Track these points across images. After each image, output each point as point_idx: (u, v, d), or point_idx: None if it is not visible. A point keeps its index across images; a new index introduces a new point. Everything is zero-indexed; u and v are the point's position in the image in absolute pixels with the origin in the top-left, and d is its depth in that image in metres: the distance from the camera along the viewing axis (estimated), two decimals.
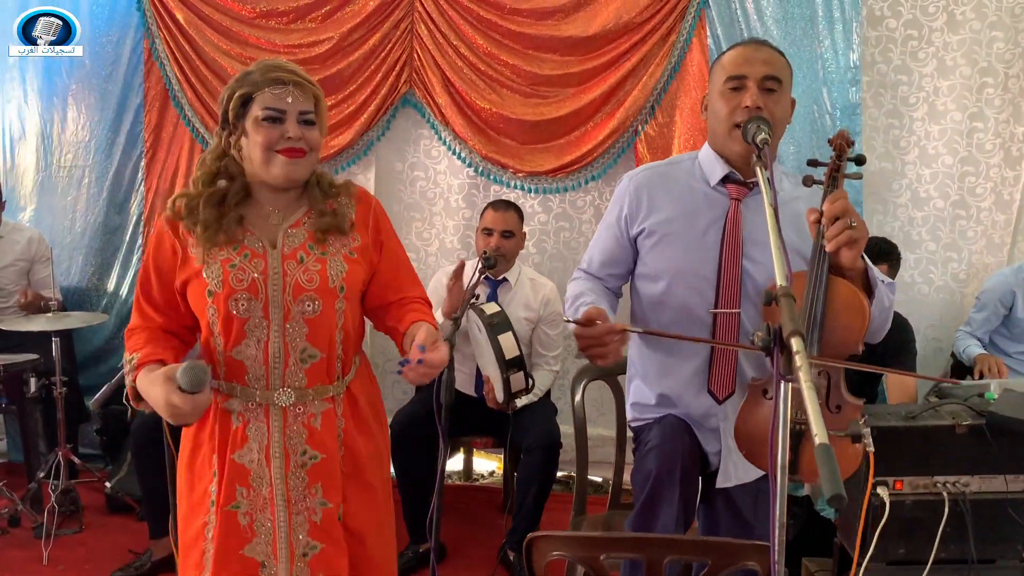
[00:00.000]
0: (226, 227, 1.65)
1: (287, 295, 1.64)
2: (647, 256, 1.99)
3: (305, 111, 1.64)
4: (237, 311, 1.62)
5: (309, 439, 1.70)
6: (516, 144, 3.79)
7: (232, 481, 1.69)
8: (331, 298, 1.66)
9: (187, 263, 1.66)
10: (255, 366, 1.66)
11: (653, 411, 2.04)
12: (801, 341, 1.09)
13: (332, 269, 1.67)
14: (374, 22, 3.76)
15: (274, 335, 1.64)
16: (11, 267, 3.73)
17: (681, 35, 3.63)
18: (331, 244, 1.69)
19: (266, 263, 1.65)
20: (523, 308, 3.30)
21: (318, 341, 1.67)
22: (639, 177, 2.03)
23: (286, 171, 1.64)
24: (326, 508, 1.71)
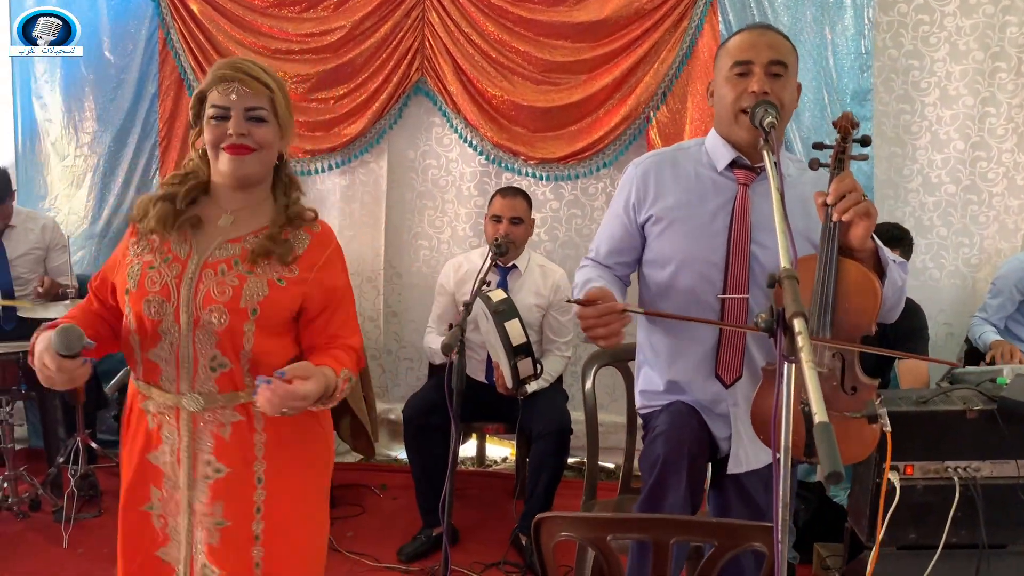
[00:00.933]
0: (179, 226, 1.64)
1: (197, 303, 1.60)
2: (655, 242, 1.99)
3: (252, 107, 1.60)
4: (149, 313, 1.61)
5: (216, 449, 1.66)
6: (527, 131, 3.79)
7: (146, 481, 1.70)
8: (240, 317, 1.60)
9: (122, 261, 1.69)
10: (168, 368, 1.64)
11: (661, 397, 2.05)
12: (803, 322, 1.10)
13: (249, 289, 1.61)
14: (386, 10, 3.77)
15: (184, 340, 1.61)
16: (27, 255, 3.75)
17: (693, 21, 3.62)
18: (260, 266, 1.63)
19: (183, 268, 1.62)
20: (533, 295, 3.31)
21: (227, 352, 1.62)
22: (646, 163, 2.03)
23: (231, 167, 1.61)
24: (223, 527, 1.67)
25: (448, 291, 3.41)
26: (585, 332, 1.80)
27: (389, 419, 4.07)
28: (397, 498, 3.65)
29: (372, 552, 3.12)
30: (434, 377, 3.55)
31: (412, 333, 4.10)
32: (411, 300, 4.09)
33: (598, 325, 1.76)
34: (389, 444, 4.12)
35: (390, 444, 4.12)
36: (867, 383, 1.81)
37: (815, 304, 1.75)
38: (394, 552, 3.13)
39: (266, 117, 1.63)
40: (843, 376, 1.80)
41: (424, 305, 3.91)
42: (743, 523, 1.51)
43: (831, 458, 0.90)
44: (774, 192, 1.43)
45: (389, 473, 3.88)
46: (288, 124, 1.68)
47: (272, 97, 1.64)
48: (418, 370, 4.09)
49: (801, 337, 1.08)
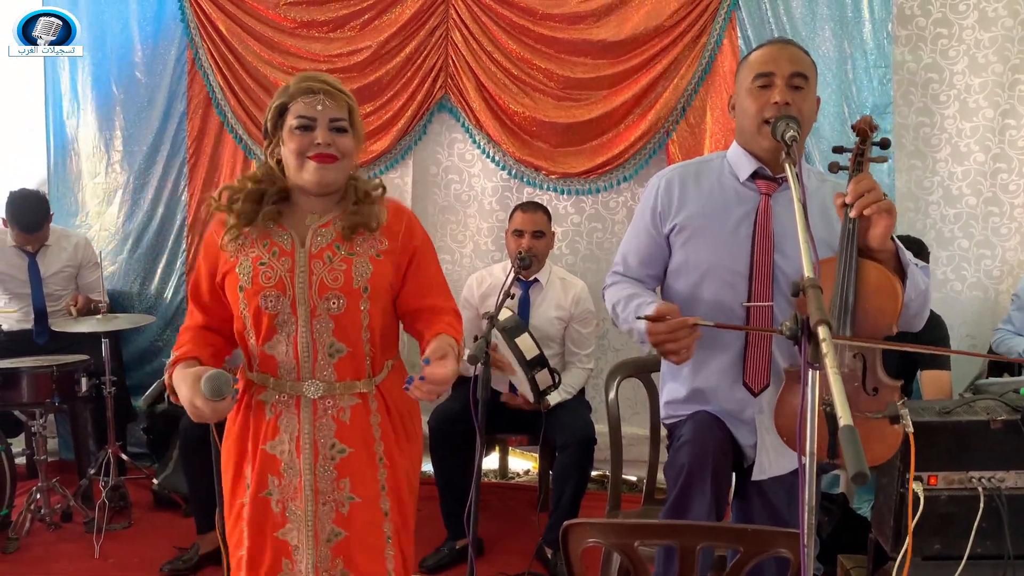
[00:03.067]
0: (260, 222, 1.72)
1: (313, 292, 1.69)
2: (679, 252, 2.02)
3: (336, 118, 1.70)
4: (266, 307, 1.69)
5: (338, 432, 1.75)
6: (549, 146, 3.84)
7: (264, 470, 1.77)
8: (355, 297, 1.71)
9: (224, 259, 1.75)
10: (286, 360, 1.73)
11: (686, 407, 2.07)
12: (827, 329, 1.13)
13: (357, 269, 1.71)
14: (410, 30, 3.84)
15: (302, 330, 1.70)
16: (60, 273, 3.85)
17: (712, 37, 3.66)
18: (358, 244, 1.73)
19: (293, 260, 1.71)
20: (555, 307, 3.35)
21: (345, 337, 1.72)
22: (669, 175, 2.07)
23: (318, 176, 1.69)
24: (354, 502, 1.76)
25: (472, 305, 3.45)
26: (655, 347, 1.83)
27: None
28: (421, 509, 3.61)
29: None
30: (459, 388, 3.58)
31: None
32: None
33: (669, 340, 1.79)
34: None
35: None
36: (889, 384, 1.83)
37: (835, 305, 1.77)
38: (417, 563, 3.15)
39: (347, 128, 1.73)
40: (864, 377, 1.82)
41: None
42: (769, 529, 1.52)
43: (857, 459, 0.93)
44: (796, 203, 1.46)
45: None
46: (361, 134, 1.78)
47: (351, 109, 1.74)
48: None
49: (825, 344, 1.11)
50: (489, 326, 2.43)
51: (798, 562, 1.42)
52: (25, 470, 3.78)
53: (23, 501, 3.36)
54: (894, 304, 1.77)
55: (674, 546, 1.53)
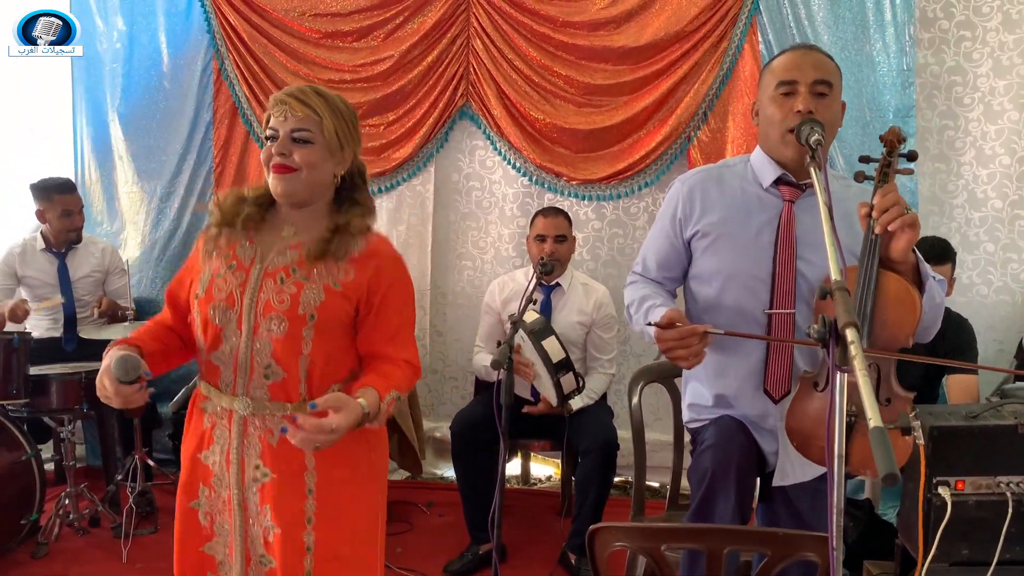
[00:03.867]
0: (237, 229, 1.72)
1: (258, 311, 1.67)
2: (701, 258, 2.02)
3: (297, 129, 1.67)
4: (215, 318, 1.68)
5: (263, 455, 1.71)
6: (570, 153, 3.85)
7: (195, 479, 1.76)
8: (298, 323, 1.66)
9: (195, 267, 1.77)
10: (226, 371, 1.71)
11: (709, 411, 2.06)
12: (856, 332, 1.13)
13: (307, 295, 1.67)
14: (432, 39, 3.88)
15: (243, 346, 1.68)
16: (87, 278, 3.89)
17: (732, 41, 3.66)
18: (316, 272, 1.69)
19: (247, 276, 1.69)
20: (576, 312, 3.35)
21: (282, 360, 1.68)
22: (691, 180, 2.07)
23: (274, 185, 1.68)
24: (276, 533, 1.71)
25: (495, 310, 3.47)
26: (665, 354, 1.83)
27: (435, 437, 4.13)
28: (444, 515, 3.70)
29: (420, 568, 3.15)
30: (481, 393, 3.60)
31: (457, 352, 4.16)
32: (455, 320, 4.16)
33: (679, 347, 1.79)
34: (435, 462, 4.18)
35: (436, 462, 4.18)
36: (902, 395, 1.82)
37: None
38: (441, 568, 3.16)
39: (311, 139, 1.68)
40: (878, 387, 1.81)
41: (468, 325, 3.98)
42: (796, 532, 1.52)
43: (887, 460, 0.93)
44: (822, 207, 1.46)
45: (436, 490, 3.93)
46: (336, 146, 1.72)
47: (323, 120, 1.69)
48: (463, 388, 4.14)
49: (854, 346, 1.11)
50: (513, 329, 2.44)
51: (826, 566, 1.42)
52: (54, 476, 3.83)
53: (52, 506, 3.40)
54: (913, 316, 1.77)
55: (701, 550, 1.53)
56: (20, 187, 3.98)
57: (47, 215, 3.76)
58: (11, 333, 3.25)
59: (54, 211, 3.75)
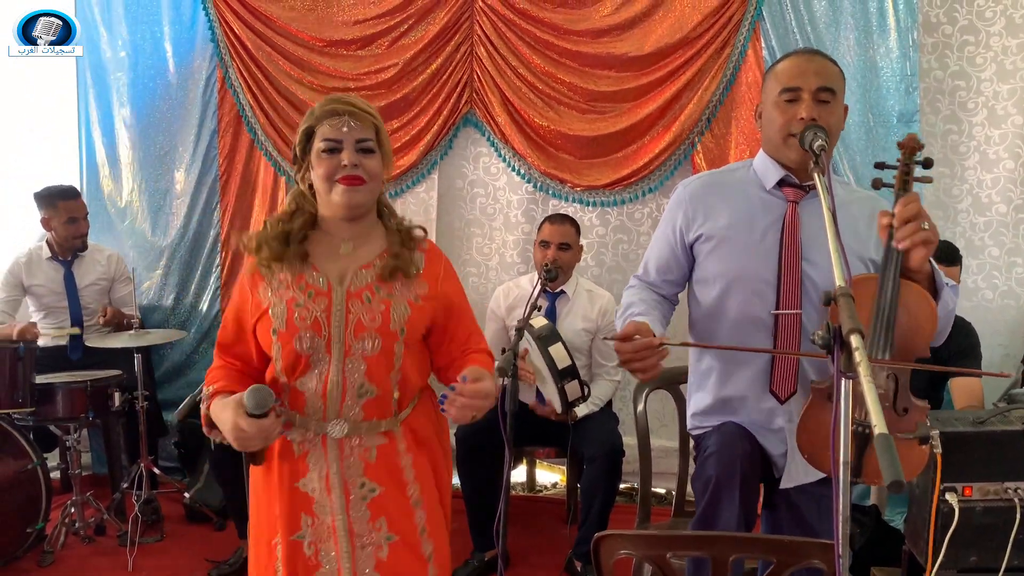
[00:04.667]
0: (288, 262, 1.69)
1: (349, 332, 1.66)
2: (705, 262, 2.02)
3: (362, 139, 1.67)
4: (301, 348, 1.66)
5: (367, 471, 1.71)
6: (574, 159, 3.86)
7: (296, 509, 1.72)
8: (391, 339, 1.68)
9: (256, 303, 1.72)
10: (314, 398, 1.69)
11: (713, 418, 2.06)
12: (860, 338, 1.13)
13: (396, 311, 1.68)
14: (436, 46, 3.89)
15: (334, 369, 1.67)
16: (93, 286, 3.90)
17: (736, 47, 3.66)
18: (397, 287, 1.71)
19: (330, 301, 1.67)
20: (581, 319, 3.35)
21: (375, 378, 1.69)
22: (694, 184, 2.08)
23: (345, 199, 1.66)
24: (392, 542, 1.71)
25: (499, 316, 3.46)
26: (623, 366, 1.84)
27: None
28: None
29: None
30: None
31: None
32: None
33: (634, 360, 1.79)
34: None
35: None
36: (918, 405, 1.83)
37: (877, 324, 1.76)
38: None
39: (374, 148, 1.70)
40: (896, 397, 1.81)
41: None
42: (802, 540, 1.51)
43: (892, 467, 0.93)
44: (826, 213, 1.46)
45: None
46: (389, 154, 1.76)
47: (377, 129, 1.72)
48: None
49: (858, 353, 1.10)
50: (518, 336, 2.44)
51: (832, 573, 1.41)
52: (60, 484, 3.81)
53: (58, 515, 3.40)
54: (932, 326, 1.78)
55: (706, 557, 1.52)
56: (21, 188, 3.99)
57: (52, 223, 3.77)
58: (16, 342, 3.26)
59: (59, 218, 3.75)
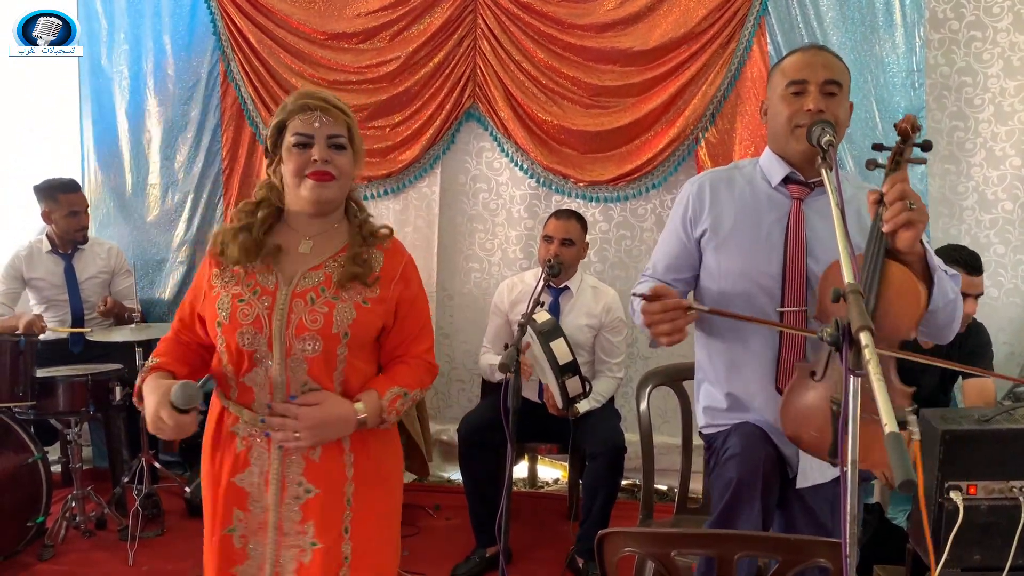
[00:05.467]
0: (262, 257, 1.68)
1: (290, 332, 1.64)
2: (711, 257, 2.01)
3: (333, 135, 1.67)
4: (243, 343, 1.65)
5: (307, 471, 1.69)
6: (577, 154, 3.84)
7: (229, 504, 1.71)
8: (333, 342, 1.66)
9: (208, 293, 1.72)
10: (261, 393, 1.68)
11: (725, 416, 2.04)
12: (870, 335, 1.11)
13: (339, 314, 1.66)
14: (439, 40, 3.87)
15: (277, 367, 1.66)
16: (94, 279, 3.88)
17: (741, 43, 3.64)
18: (346, 291, 1.68)
19: (274, 300, 1.66)
20: (585, 315, 3.33)
21: (318, 378, 1.68)
22: (701, 180, 2.07)
23: (314, 195, 1.65)
24: (316, 548, 1.69)
25: (502, 311, 3.45)
26: (648, 328, 1.81)
27: (442, 440, 4.12)
28: (451, 518, 3.68)
29: (427, 571, 3.14)
30: (488, 396, 3.59)
31: (464, 355, 4.14)
32: (463, 322, 4.15)
33: (663, 321, 1.77)
34: (442, 465, 4.16)
35: (443, 465, 4.16)
36: (901, 389, 1.79)
37: None
38: (448, 571, 3.15)
39: (346, 145, 1.70)
40: None
41: (475, 327, 3.96)
42: (808, 539, 1.50)
43: (903, 467, 0.92)
44: (834, 209, 1.44)
45: (442, 493, 3.91)
46: (361, 152, 1.75)
47: (349, 126, 1.71)
48: (470, 391, 4.13)
49: (868, 351, 1.09)
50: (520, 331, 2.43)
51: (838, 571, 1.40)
52: (60, 478, 3.79)
53: (59, 508, 3.40)
54: (915, 309, 1.73)
55: (713, 556, 1.51)
56: (21, 187, 3.97)
57: (52, 216, 3.75)
58: (18, 335, 3.24)
59: (60, 211, 3.74)
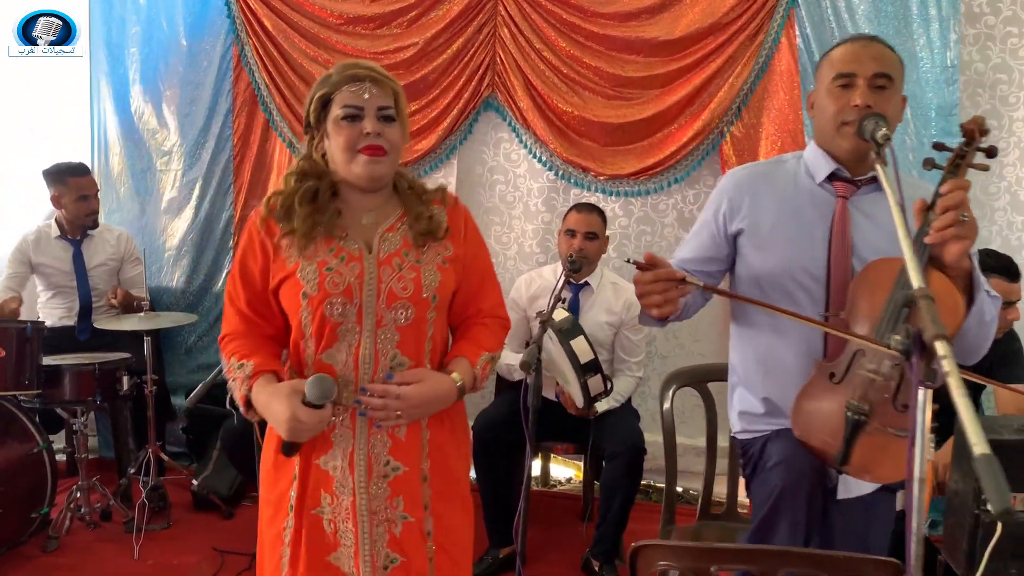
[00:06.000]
0: (327, 222, 1.60)
1: (381, 302, 1.58)
2: (750, 256, 1.92)
3: (383, 107, 1.59)
4: (331, 315, 1.57)
5: (393, 449, 1.63)
6: (598, 146, 3.75)
7: (316, 486, 1.64)
8: (423, 307, 1.61)
9: (280, 263, 1.62)
10: (345, 370, 1.60)
11: (763, 421, 1.95)
12: (947, 345, 1.03)
13: (426, 278, 1.61)
14: (457, 27, 3.78)
15: (366, 340, 1.59)
16: (103, 266, 3.82)
17: (769, 35, 3.54)
18: (426, 252, 1.64)
19: (362, 267, 1.59)
20: (605, 312, 3.25)
21: (408, 349, 1.61)
22: (740, 174, 1.98)
23: (368, 170, 1.59)
24: (407, 521, 1.64)
25: (520, 307, 3.36)
26: (639, 299, 1.73)
27: None
28: None
29: None
30: (503, 393, 3.50)
31: None
32: None
33: (654, 291, 1.68)
34: None
35: None
36: None
37: (888, 309, 1.65)
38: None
39: (394, 116, 1.63)
40: (898, 390, 1.68)
41: None
42: (859, 556, 1.42)
43: (1000, 494, 0.83)
44: (894, 207, 1.37)
45: None
46: (407, 124, 1.69)
47: (397, 96, 1.64)
48: (485, 388, 4.02)
49: (947, 362, 1.00)
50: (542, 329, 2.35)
51: None
52: (66, 467, 3.76)
53: (63, 499, 3.34)
54: (952, 320, 1.64)
55: (755, 572, 1.43)
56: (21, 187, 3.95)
57: (62, 200, 3.70)
58: (24, 322, 3.18)
59: (70, 195, 3.68)
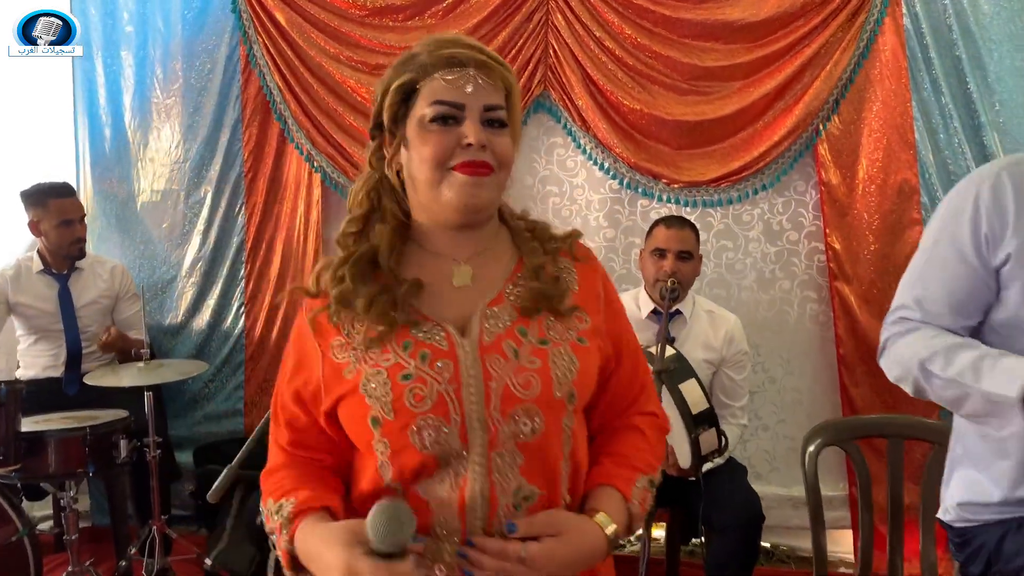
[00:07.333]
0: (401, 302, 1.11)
1: (492, 409, 1.08)
2: (1014, 297, 1.39)
3: (492, 106, 1.12)
4: (423, 445, 1.08)
5: None
6: (670, 150, 3.29)
7: None
8: (557, 411, 1.11)
9: (336, 373, 1.13)
10: (446, 512, 1.10)
11: (996, 510, 1.47)
12: None
13: (558, 366, 1.11)
14: (503, 15, 3.32)
15: (475, 469, 1.09)
16: (93, 304, 3.37)
17: (872, 15, 3.09)
18: (550, 326, 1.14)
19: (456, 365, 1.09)
20: (702, 348, 2.72)
21: (536, 476, 1.11)
22: (995, 178, 1.41)
23: (465, 196, 1.10)
24: None
25: None
26: None
27: None
28: None
29: None
30: None
31: None
32: None
33: None
34: None
35: None
36: None
37: None
38: None
39: (505, 120, 1.13)
40: None
41: None
42: None
43: None
44: None
45: None
46: (519, 130, 1.19)
47: (509, 90, 1.14)
48: None
49: None
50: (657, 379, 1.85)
51: None
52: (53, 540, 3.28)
53: None
54: None
55: None
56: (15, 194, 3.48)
57: (42, 226, 3.26)
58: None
59: (50, 220, 3.24)
